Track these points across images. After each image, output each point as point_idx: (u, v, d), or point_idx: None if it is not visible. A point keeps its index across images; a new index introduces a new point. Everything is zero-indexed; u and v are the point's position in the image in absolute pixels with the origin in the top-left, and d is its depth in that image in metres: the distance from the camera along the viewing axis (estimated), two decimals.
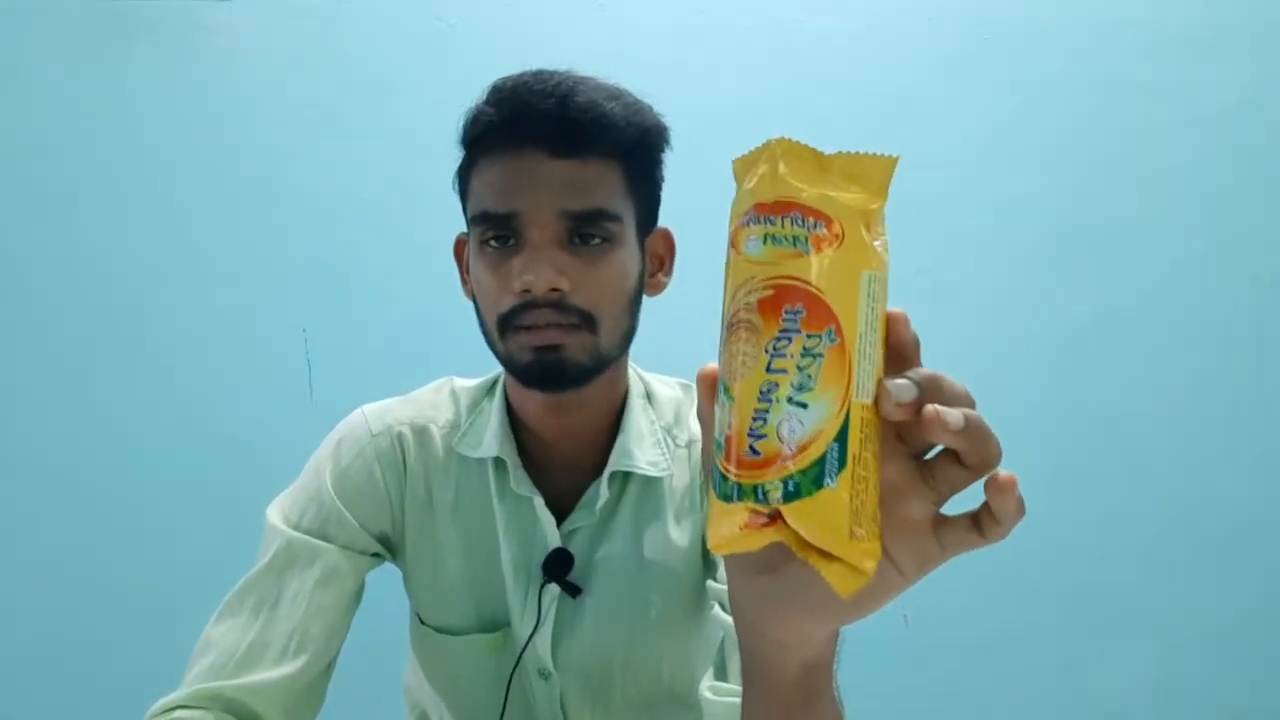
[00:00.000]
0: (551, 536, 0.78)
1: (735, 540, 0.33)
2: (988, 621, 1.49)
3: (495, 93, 0.70)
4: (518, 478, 0.78)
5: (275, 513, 0.77)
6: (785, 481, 0.31)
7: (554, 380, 0.71)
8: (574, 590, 0.78)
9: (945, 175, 1.49)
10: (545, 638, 0.78)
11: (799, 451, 0.31)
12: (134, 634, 1.32)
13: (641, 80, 0.74)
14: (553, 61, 0.72)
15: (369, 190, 1.41)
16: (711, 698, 0.62)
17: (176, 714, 0.65)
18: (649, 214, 0.77)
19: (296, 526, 0.75)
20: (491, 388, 0.83)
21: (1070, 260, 1.52)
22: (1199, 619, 1.51)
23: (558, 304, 0.68)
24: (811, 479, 0.31)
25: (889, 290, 0.34)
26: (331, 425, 0.83)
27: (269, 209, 1.39)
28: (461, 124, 0.72)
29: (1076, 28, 1.52)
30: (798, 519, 0.31)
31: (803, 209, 0.33)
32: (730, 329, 0.33)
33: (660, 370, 0.88)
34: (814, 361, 0.31)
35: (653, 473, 0.79)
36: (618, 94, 0.71)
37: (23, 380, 1.35)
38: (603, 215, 0.69)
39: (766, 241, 0.33)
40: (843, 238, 0.33)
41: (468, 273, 0.76)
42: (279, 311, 1.39)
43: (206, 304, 1.38)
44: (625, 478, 0.80)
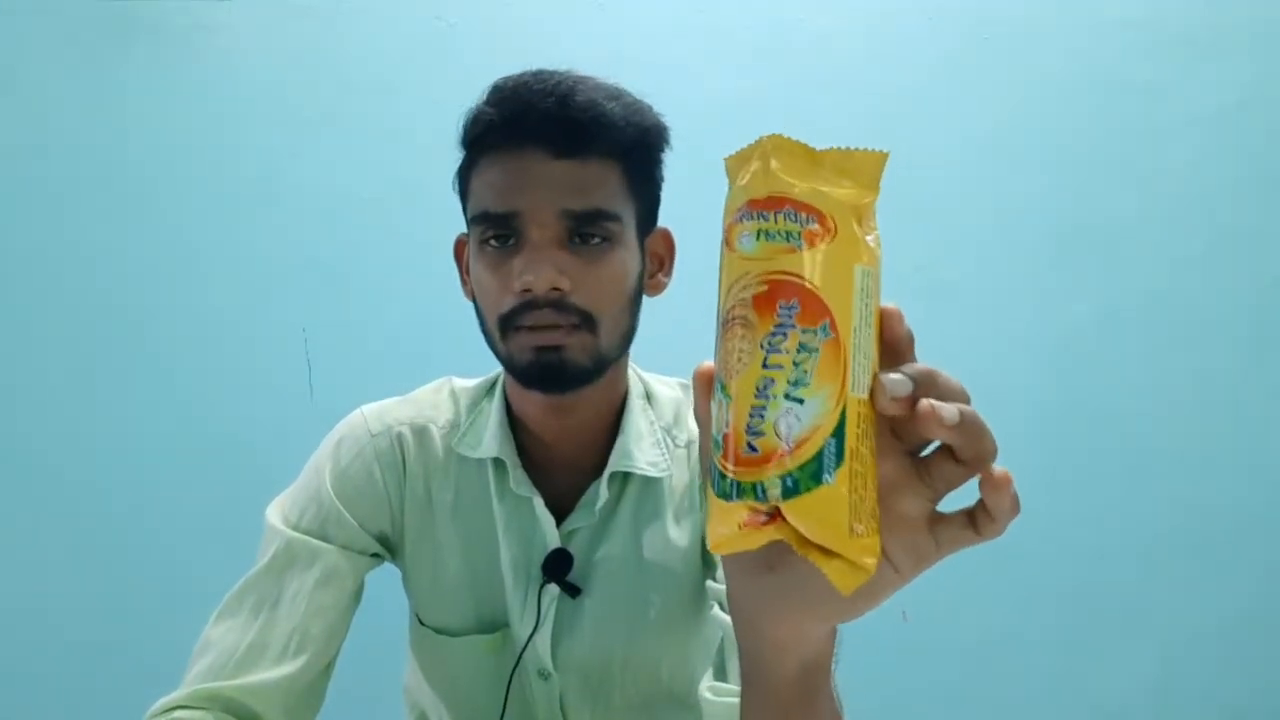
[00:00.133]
0: (551, 537, 0.78)
1: (735, 539, 0.33)
2: (988, 621, 1.49)
3: (495, 92, 0.70)
4: (517, 478, 0.77)
5: (275, 513, 0.77)
6: (784, 478, 0.31)
7: (554, 381, 0.71)
8: (573, 591, 0.78)
9: (945, 175, 1.49)
10: (545, 638, 0.78)
11: (796, 447, 0.31)
12: (134, 634, 1.33)
13: (641, 80, 0.74)
14: (553, 61, 0.72)
15: (369, 190, 1.41)
16: (711, 698, 0.62)
17: (176, 714, 0.65)
18: (649, 214, 0.77)
19: (296, 527, 0.75)
20: (491, 388, 0.83)
21: (1070, 260, 1.52)
22: (1199, 619, 1.51)
23: (558, 304, 0.68)
24: (810, 475, 0.31)
25: (881, 285, 0.34)
26: (331, 425, 0.83)
27: (269, 209, 1.40)
28: (462, 124, 0.72)
29: (1076, 28, 1.52)
30: (797, 516, 0.31)
31: (795, 204, 0.33)
32: (725, 326, 0.33)
33: (660, 370, 0.88)
34: (809, 356, 0.31)
35: (652, 473, 0.79)
36: (617, 94, 0.71)
37: (23, 380, 1.35)
38: (603, 215, 0.69)
39: (760, 237, 0.33)
40: (835, 232, 0.33)
41: (467, 274, 0.76)
42: (279, 311, 1.39)
43: (206, 304, 1.38)
44: (625, 478, 0.80)
